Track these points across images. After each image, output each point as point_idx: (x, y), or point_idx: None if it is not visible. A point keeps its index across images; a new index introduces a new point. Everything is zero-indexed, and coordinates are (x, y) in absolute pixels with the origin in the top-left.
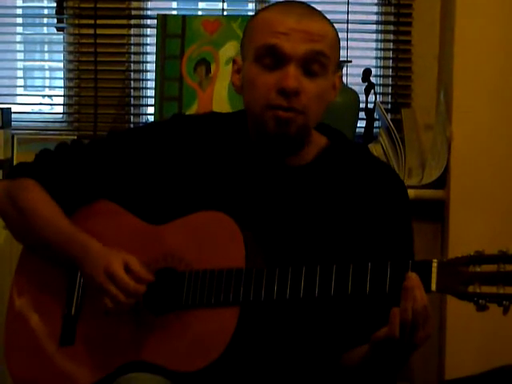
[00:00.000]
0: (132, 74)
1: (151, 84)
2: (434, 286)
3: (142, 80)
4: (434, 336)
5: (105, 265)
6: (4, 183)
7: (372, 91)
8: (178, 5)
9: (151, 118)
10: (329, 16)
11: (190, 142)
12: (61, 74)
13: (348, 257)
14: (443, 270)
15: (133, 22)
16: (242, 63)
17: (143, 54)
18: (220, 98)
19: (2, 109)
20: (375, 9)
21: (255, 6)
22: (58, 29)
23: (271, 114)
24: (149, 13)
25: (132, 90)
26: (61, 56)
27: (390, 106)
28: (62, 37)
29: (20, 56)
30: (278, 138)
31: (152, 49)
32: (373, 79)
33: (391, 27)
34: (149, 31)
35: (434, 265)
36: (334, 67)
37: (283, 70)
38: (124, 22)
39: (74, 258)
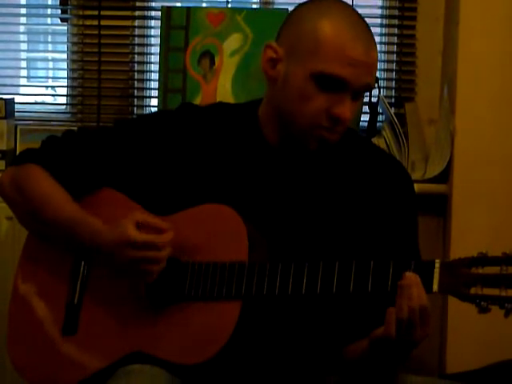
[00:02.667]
0: (136, 65)
1: (155, 76)
2: (436, 287)
3: (146, 72)
4: (435, 330)
5: (119, 237)
6: (10, 169)
7: (376, 85)
8: None
9: (155, 110)
10: None
11: (198, 133)
12: (64, 65)
13: (353, 249)
14: (446, 270)
15: (137, 13)
16: (283, 56)
17: (147, 45)
18: (224, 90)
19: (5, 99)
20: (380, 3)
21: None
22: (62, 20)
23: (316, 134)
24: (153, 4)
25: (136, 82)
26: (64, 47)
27: (393, 100)
28: (65, 28)
29: (24, 47)
30: (314, 153)
31: (156, 40)
32: (376, 73)
33: (395, 21)
34: (153, 23)
35: (437, 265)
36: None
37: (339, 97)
38: (128, 13)
39: (87, 244)
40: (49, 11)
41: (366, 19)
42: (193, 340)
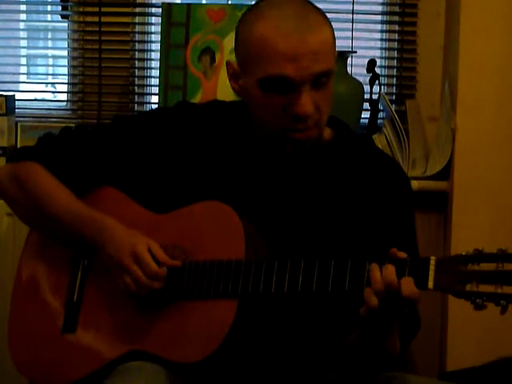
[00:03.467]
0: (136, 62)
1: (155, 72)
2: (431, 284)
3: (147, 68)
4: (435, 328)
5: (131, 246)
6: (8, 167)
7: (376, 82)
8: None
9: (155, 107)
10: (334, 6)
11: (194, 131)
12: (65, 62)
13: (350, 247)
14: (441, 267)
15: (137, 10)
16: (239, 70)
17: (148, 42)
18: (224, 87)
19: (5, 96)
20: None
21: None
22: (63, 16)
23: (288, 137)
24: (153, 1)
25: (136, 79)
26: (65, 44)
27: (394, 97)
28: (66, 24)
29: (24, 43)
30: (294, 155)
31: (156, 37)
32: (377, 70)
33: (396, 18)
34: (153, 19)
35: (432, 262)
36: (335, 63)
37: (295, 95)
38: (129, 10)
39: (92, 239)
40: (49, 8)
41: (366, 16)
42: (190, 338)
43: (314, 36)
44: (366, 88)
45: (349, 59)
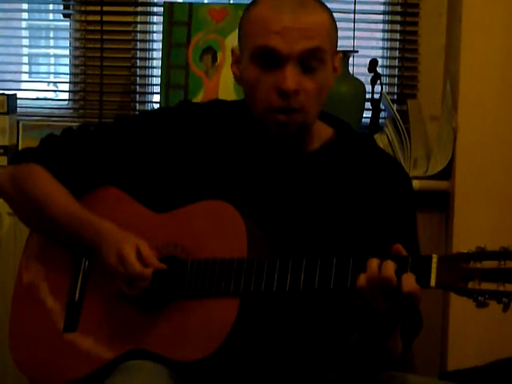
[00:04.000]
0: (138, 61)
1: (157, 72)
2: (433, 282)
3: (148, 68)
4: (436, 327)
5: (117, 247)
6: (9, 168)
7: (378, 82)
8: None
9: (157, 106)
10: (335, 6)
11: (196, 130)
12: (66, 61)
13: (352, 246)
14: (443, 265)
15: (139, 9)
16: (239, 54)
17: (149, 41)
18: (226, 86)
19: (7, 95)
20: None
21: None
22: (64, 15)
23: (272, 118)
24: (155, 0)
25: (138, 78)
26: (67, 43)
27: (396, 96)
28: (68, 23)
29: (26, 42)
30: (278, 139)
31: (158, 36)
32: (379, 70)
33: (398, 18)
34: (155, 19)
35: (434, 260)
36: (333, 52)
37: (281, 71)
38: (130, 9)
39: (89, 242)
40: (51, 7)
41: (368, 16)
42: (192, 337)
43: (306, 15)
44: (368, 87)
45: (350, 59)
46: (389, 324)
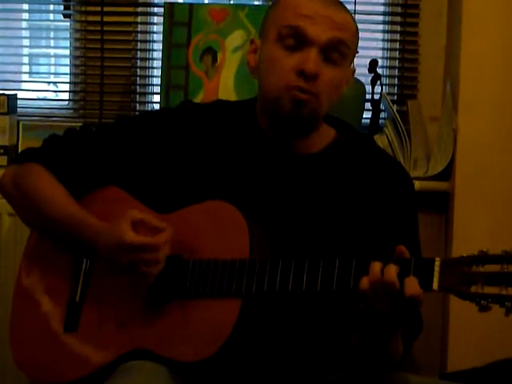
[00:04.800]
0: (138, 61)
1: (157, 72)
2: (435, 285)
3: (148, 68)
4: (436, 329)
5: (118, 240)
6: (11, 168)
7: (378, 82)
8: None
9: (157, 107)
10: None
11: (199, 130)
12: (67, 61)
13: (354, 247)
14: (446, 268)
15: (140, 9)
16: (260, 44)
17: (150, 41)
18: (226, 87)
19: (7, 95)
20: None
21: None
22: (65, 15)
23: (289, 95)
24: (156, 1)
25: (138, 78)
26: (67, 43)
27: (396, 97)
28: (68, 24)
29: (26, 42)
30: (291, 118)
31: (158, 37)
32: (379, 70)
33: (398, 18)
34: (155, 19)
35: (437, 263)
36: (352, 59)
37: (304, 53)
38: (131, 9)
39: (87, 243)
40: (51, 7)
41: (368, 16)
42: (193, 337)
43: (337, 10)
44: (368, 88)
45: None
46: (391, 326)
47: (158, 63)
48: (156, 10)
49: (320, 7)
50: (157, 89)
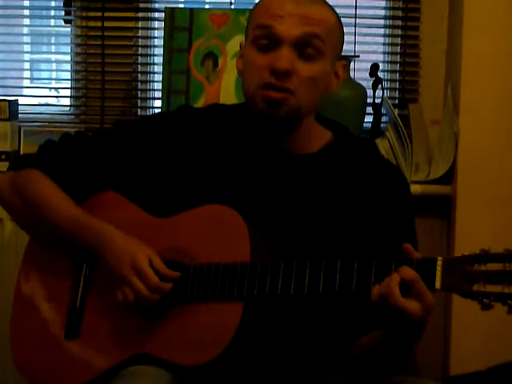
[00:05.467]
0: (139, 66)
1: (158, 77)
2: (438, 284)
3: (150, 73)
4: (439, 331)
5: (131, 257)
6: (9, 174)
7: (379, 86)
8: None
9: (158, 111)
10: (337, 10)
11: (196, 134)
12: (68, 67)
13: (351, 248)
14: (448, 267)
15: (140, 14)
16: (244, 47)
17: (151, 46)
18: (227, 91)
19: (8, 101)
20: (383, 3)
21: None
22: (66, 21)
23: (263, 94)
24: (156, 6)
25: (139, 83)
26: (68, 48)
27: (397, 101)
28: (69, 29)
29: (27, 48)
30: (267, 118)
31: (159, 42)
32: (380, 74)
33: (399, 22)
34: (156, 24)
35: (439, 263)
36: (335, 54)
37: (277, 52)
38: (132, 14)
39: (91, 246)
40: (52, 13)
41: (369, 20)
42: (195, 341)
43: (310, 6)
44: (369, 92)
45: (352, 63)
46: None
47: (159, 68)
48: (157, 15)
49: (291, 6)
50: (158, 94)
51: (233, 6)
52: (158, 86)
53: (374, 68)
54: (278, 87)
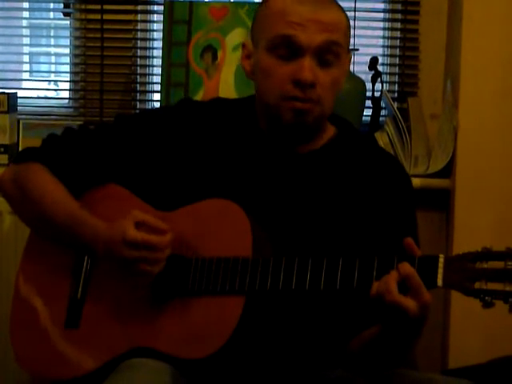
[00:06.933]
0: (138, 59)
1: (157, 70)
2: (440, 282)
3: (149, 66)
4: (437, 325)
5: (120, 237)
6: (11, 168)
7: (379, 80)
8: None
9: (157, 105)
10: None
11: (198, 128)
12: (67, 60)
13: (354, 243)
14: (450, 265)
15: (140, 7)
16: (252, 49)
17: (150, 39)
18: (226, 84)
19: (7, 94)
20: None
21: None
22: (65, 14)
23: (288, 105)
24: None
25: (138, 76)
26: (67, 41)
27: (396, 94)
28: (68, 22)
29: (26, 41)
30: (294, 127)
31: (159, 35)
32: (380, 68)
33: (399, 15)
34: (156, 17)
35: (441, 260)
36: (347, 52)
37: (299, 62)
38: (131, 7)
39: (87, 242)
40: (51, 6)
41: (369, 14)
42: (196, 335)
43: (326, 10)
44: (368, 86)
45: (351, 57)
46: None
47: (158, 61)
48: (156, 7)
49: (308, 11)
50: (157, 87)
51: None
52: (157, 79)
53: (374, 61)
54: (303, 99)
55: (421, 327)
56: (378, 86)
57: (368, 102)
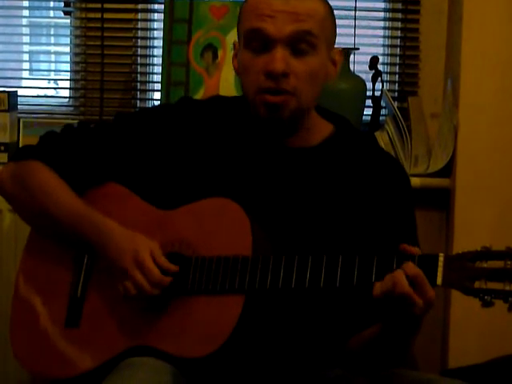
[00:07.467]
0: (139, 58)
1: (158, 69)
2: (439, 280)
3: (149, 65)
4: (437, 324)
5: (133, 250)
6: (10, 166)
7: (379, 79)
8: None
9: (157, 103)
10: (336, 3)
11: (197, 126)
12: (67, 58)
13: (352, 241)
14: (450, 264)
15: (140, 6)
16: (237, 45)
17: (150, 38)
18: (227, 83)
19: (8, 92)
20: None
21: None
22: (65, 13)
23: (261, 99)
24: None
25: (138, 75)
26: (67, 40)
27: (396, 94)
28: (68, 21)
29: (26, 40)
30: (270, 122)
31: (159, 34)
32: (380, 67)
33: (399, 15)
34: (156, 16)
35: (441, 259)
36: (329, 43)
37: (270, 53)
38: (131, 6)
39: (92, 239)
40: (51, 4)
41: (369, 13)
42: (196, 334)
43: (298, 1)
44: (369, 85)
45: (351, 56)
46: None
47: (158, 60)
48: (156, 6)
49: (279, 3)
50: (157, 86)
51: None
52: (158, 77)
53: (374, 61)
54: (276, 90)
55: (420, 324)
56: (379, 85)
57: (368, 102)
